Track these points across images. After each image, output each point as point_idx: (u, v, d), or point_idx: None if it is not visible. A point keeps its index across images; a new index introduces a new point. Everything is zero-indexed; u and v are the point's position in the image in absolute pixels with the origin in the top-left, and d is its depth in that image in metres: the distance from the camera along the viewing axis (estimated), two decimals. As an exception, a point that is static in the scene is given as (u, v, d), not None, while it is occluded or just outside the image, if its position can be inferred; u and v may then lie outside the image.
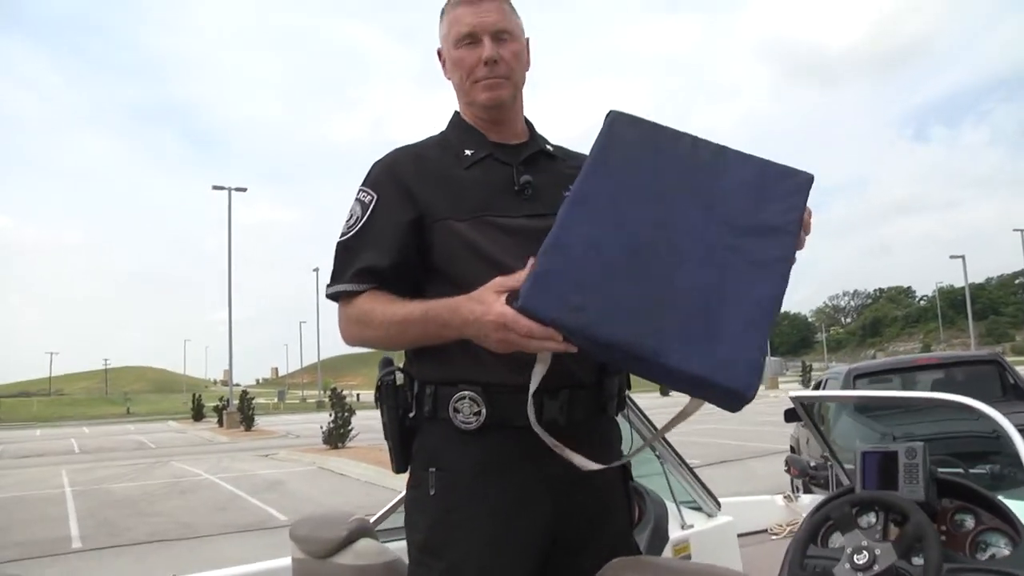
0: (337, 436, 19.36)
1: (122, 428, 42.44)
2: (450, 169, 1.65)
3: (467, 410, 1.52)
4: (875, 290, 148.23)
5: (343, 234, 1.65)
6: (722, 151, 1.49)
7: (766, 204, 1.43)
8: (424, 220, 1.60)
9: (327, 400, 24.93)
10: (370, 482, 12.53)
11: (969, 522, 2.09)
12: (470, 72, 1.67)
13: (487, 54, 1.63)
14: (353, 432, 19.62)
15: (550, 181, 1.66)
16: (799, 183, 1.48)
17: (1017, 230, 49.57)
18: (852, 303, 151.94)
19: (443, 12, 1.72)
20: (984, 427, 5.01)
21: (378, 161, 1.71)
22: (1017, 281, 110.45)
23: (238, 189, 37.87)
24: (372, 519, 2.45)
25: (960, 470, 2.90)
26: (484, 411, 1.51)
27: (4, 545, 8.96)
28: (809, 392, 2.08)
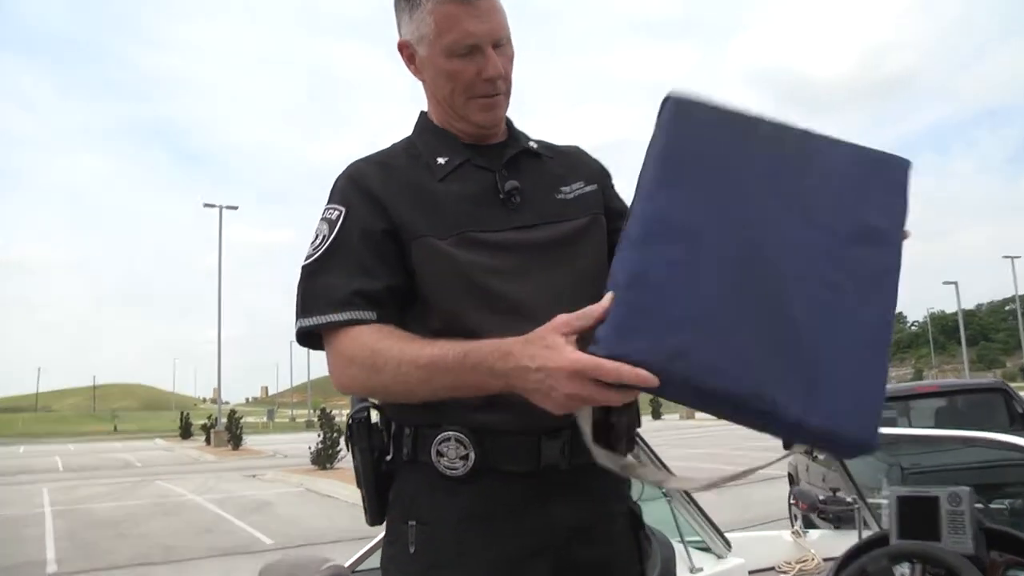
0: (325, 457, 19.11)
1: (108, 446, 41.97)
2: (422, 181, 1.41)
3: (452, 453, 1.29)
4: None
5: (308, 257, 1.37)
6: (808, 135, 1.24)
7: (867, 200, 1.21)
8: (400, 235, 1.36)
9: (316, 420, 24.67)
10: (357, 505, 11.92)
11: None
12: (467, 88, 1.40)
13: (493, 71, 1.38)
14: (342, 453, 19.34)
15: (538, 185, 1.45)
16: (898, 171, 1.25)
17: (1007, 257, 50.12)
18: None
19: (420, 5, 1.39)
20: (995, 456, 4.89)
21: (339, 175, 1.47)
22: (1008, 307, 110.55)
23: (229, 207, 37.65)
24: (347, 563, 2.27)
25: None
26: (472, 454, 1.29)
27: (-22, 567, 8.69)
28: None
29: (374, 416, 1.42)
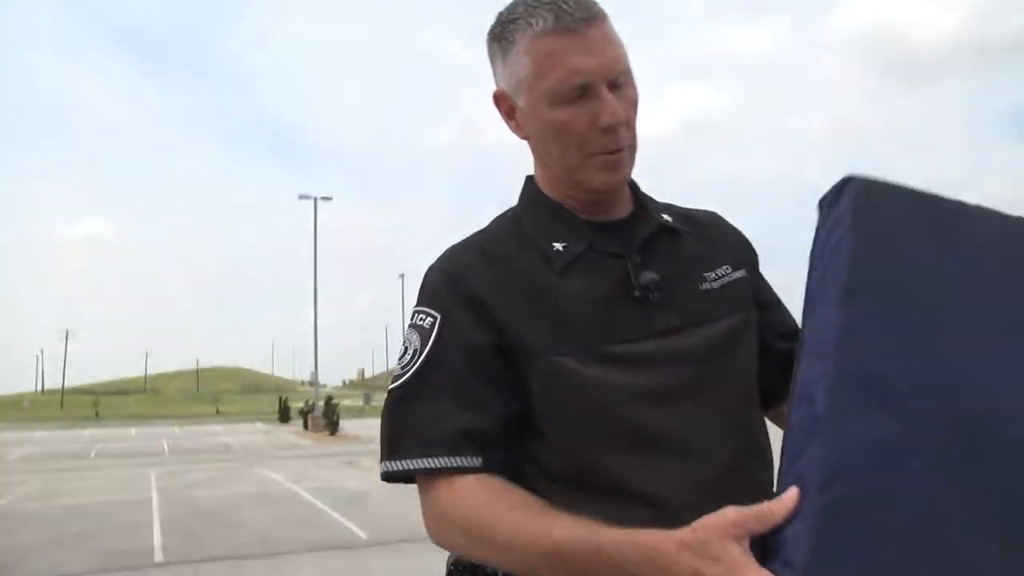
0: (419, 446, 19.21)
1: (211, 428, 43.36)
2: (538, 277, 1.13)
3: None
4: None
5: (397, 378, 1.13)
6: None
7: None
8: (512, 352, 1.09)
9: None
10: None
11: None
12: (581, 144, 1.11)
13: (610, 119, 1.08)
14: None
15: (678, 273, 1.17)
16: None
17: None
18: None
19: (507, 40, 1.12)
20: None
21: (432, 268, 1.20)
22: None
23: (323, 198, 38.57)
24: None
25: None
26: None
27: (89, 553, 8.98)
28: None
29: None
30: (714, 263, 1.21)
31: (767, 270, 1.34)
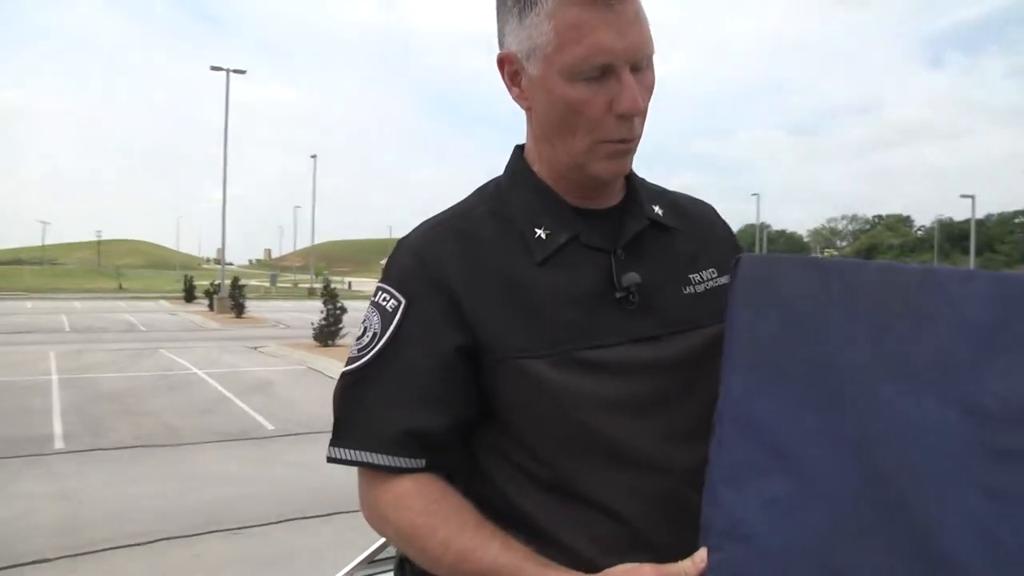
0: (327, 334, 19.25)
1: (113, 305, 42.30)
2: (516, 265, 1.08)
3: None
4: (874, 216, 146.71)
5: (352, 360, 1.10)
6: (928, 275, 0.92)
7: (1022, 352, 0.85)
8: (480, 353, 1.06)
9: (318, 287, 24.67)
10: None
11: None
12: (593, 127, 1.04)
13: (629, 104, 1.01)
14: (344, 330, 19.51)
15: (664, 274, 1.13)
16: None
17: None
18: (850, 227, 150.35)
19: (542, 6, 1.01)
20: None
21: (403, 243, 1.14)
22: (1017, 220, 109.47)
23: (236, 71, 37.08)
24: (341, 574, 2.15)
25: None
26: None
27: (-14, 438, 8.83)
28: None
29: None
30: (700, 264, 1.17)
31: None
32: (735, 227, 1.10)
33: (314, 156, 63.28)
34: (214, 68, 36.80)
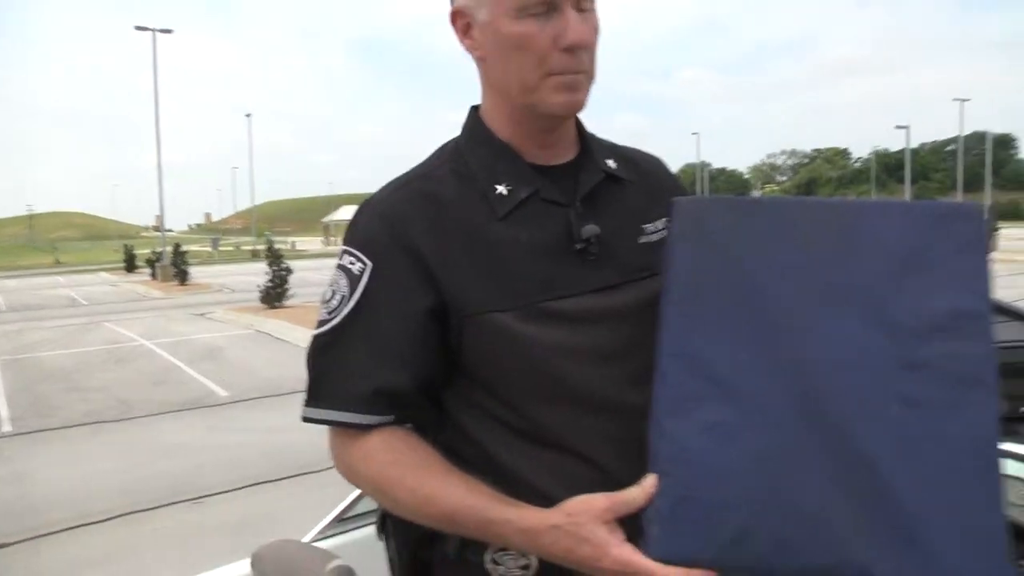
0: (274, 296, 19.05)
1: (51, 280, 41.24)
2: (480, 222, 1.12)
3: (511, 563, 1.10)
4: (812, 150, 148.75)
5: (322, 323, 1.14)
6: (850, 208, 1.03)
7: (935, 276, 0.98)
8: (449, 313, 1.10)
9: (262, 249, 24.32)
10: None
11: None
12: (541, 59, 1.08)
13: (574, 37, 1.06)
14: (291, 291, 19.33)
15: (620, 225, 1.17)
16: (968, 223, 1.01)
17: (957, 99, 50.80)
18: (789, 162, 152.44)
19: None
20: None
21: (367, 205, 1.17)
22: (948, 148, 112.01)
23: (163, 30, 35.73)
24: (307, 537, 2.16)
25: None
26: (534, 563, 1.08)
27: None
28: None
29: None
30: (652, 215, 1.20)
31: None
32: (677, 166, 1.12)
33: (249, 115, 62.22)
34: (139, 28, 35.41)
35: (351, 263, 1.13)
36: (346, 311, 1.11)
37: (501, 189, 1.14)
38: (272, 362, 11.90)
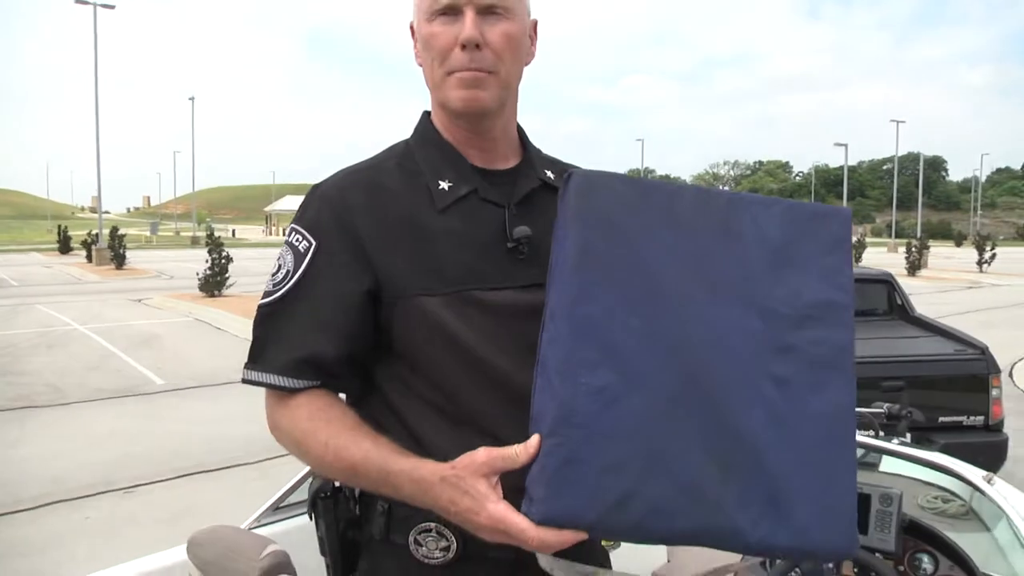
0: (213, 284, 18.79)
1: (-20, 258, 40.06)
2: (420, 212, 1.22)
3: (432, 544, 1.19)
4: (755, 162, 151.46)
5: (267, 294, 1.24)
6: (734, 201, 1.11)
7: (806, 269, 1.10)
8: (382, 294, 1.20)
9: (202, 236, 23.88)
10: (248, 340, 11.85)
11: (928, 566, 2.05)
12: (443, 57, 1.21)
13: (467, 34, 1.18)
14: (230, 280, 19.09)
15: (550, 231, 1.21)
16: (836, 225, 1.13)
17: (894, 121, 52.68)
18: (732, 172, 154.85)
19: None
20: (880, 351, 5.18)
21: (317, 189, 1.27)
22: (885, 167, 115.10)
23: (104, 5, 34.68)
24: (245, 524, 2.18)
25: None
26: (454, 544, 1.18)
27: None
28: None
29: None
30: None
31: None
32: (621, 171, 1.20)
33: (192, 98, 60.84)
34: (79, 1, 34.32)
35: (298, 241, 1.23)
36: (289, 285, 1.21)
37: (444, 185, 1.24)
38: (211, 351, 11.74)
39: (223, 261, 19.10)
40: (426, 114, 1.34)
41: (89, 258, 33.94)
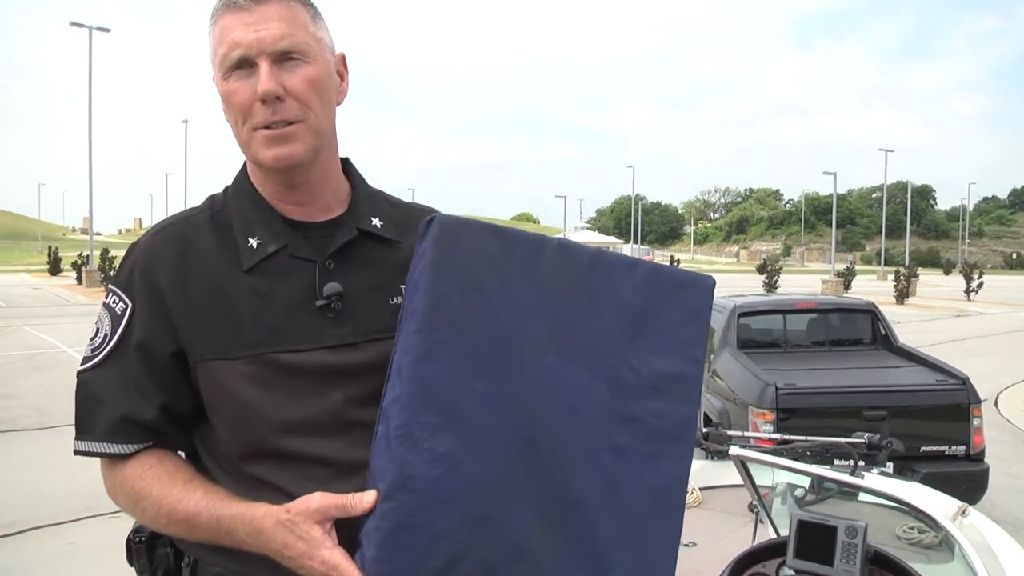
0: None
1: (-31, 279, 39.87)
2: (224, 272, 1.18)
3: None
4: (745, 189, 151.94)
5: (86, 359, 1.21)
6: (597, 260, 1.09)
7: (663, 340, 1.10)
8: (185, 355, 1.17)
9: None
10: None
11: None
12: (245, 114, 1.15)
13: (263, 87, 1.12)
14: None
15: (370, 284, 1.22)
16: (698, 294, 1.14)
17: (883, 150, 53.34)
18: (722, 199, 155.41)
19: (210, 23, 1.18)
20: (863, 381, 5.23)
21: (133, 248, 1.24)
22: (874, 195, 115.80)
23: (100, 28, 34.82)
24: None
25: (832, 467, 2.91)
26: None
27: None
28: (750, 453, 2.17)
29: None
30: None
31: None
32: (611, 198, 1.18)
33: (186, 121, 60.79)
34: (74, 24, 34.44)
35: (115, 302, 1.21)
36: (107, 349, 1.19)
37: (252, 242, 1.20)
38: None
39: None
40: (245, 164, 1.28)
41: (80, 280, 33.86)
